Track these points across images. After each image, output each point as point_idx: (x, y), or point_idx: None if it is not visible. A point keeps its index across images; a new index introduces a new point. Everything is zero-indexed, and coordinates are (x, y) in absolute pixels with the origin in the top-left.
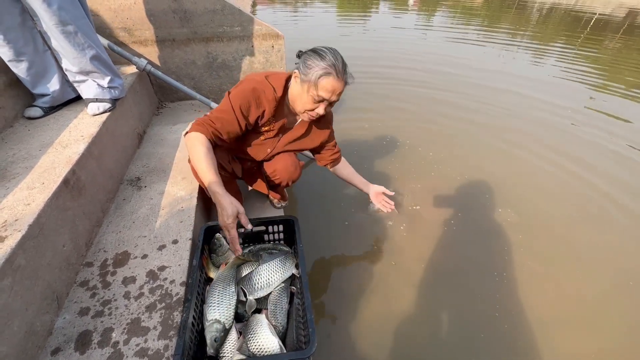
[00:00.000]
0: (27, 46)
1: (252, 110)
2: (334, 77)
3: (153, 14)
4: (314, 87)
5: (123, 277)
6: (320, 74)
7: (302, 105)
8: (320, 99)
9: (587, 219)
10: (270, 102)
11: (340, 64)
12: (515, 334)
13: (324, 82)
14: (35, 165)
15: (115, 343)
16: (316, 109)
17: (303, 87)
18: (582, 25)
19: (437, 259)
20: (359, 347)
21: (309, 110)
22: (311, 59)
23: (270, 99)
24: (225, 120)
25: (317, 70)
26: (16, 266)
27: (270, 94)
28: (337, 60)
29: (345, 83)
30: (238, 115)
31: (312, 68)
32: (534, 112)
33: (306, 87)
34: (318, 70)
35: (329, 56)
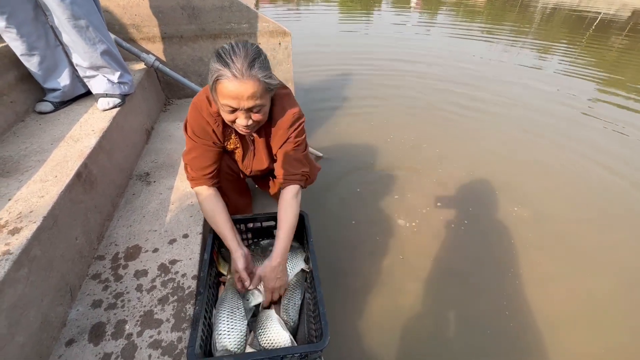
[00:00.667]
0: (39, 41)
1: (206, 130)
2: (230, 79)
3: (161, 10)
4: (215, 95)
5: (135, 270)
6: (215, 78)
7: (224, 117)
8: (228, 108)
9: (598, 217)
10: (210, 116)
11: (240, 60)
12: (524, 332)
13: (221, 87)
14: (47, 159)
15: (129, 335)
16: (237, 121)
17: (212, 96)
18: (586, 25)
19: (446, 256)
20: (368, 342)
21: (231, 122)
22: (212, 61)
23: (207, 113)
24: (198, 158)
25: (213, 75)
26: (32, 257)
27: (206, 108)
28: (234, 56)
29: (257, 81)
30: (202, 143)
31: (210, 72)
32: (540, 110)
33: (213, 96)
34: (214, 74)
35: (224, 54)
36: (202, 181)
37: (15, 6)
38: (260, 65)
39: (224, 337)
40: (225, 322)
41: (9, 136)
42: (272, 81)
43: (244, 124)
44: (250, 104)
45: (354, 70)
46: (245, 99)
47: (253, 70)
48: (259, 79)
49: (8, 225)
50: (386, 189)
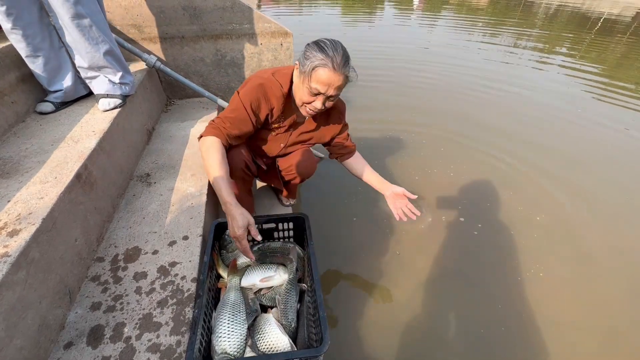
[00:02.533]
0: (44, 42)
1: (262, 106)
2: (330, 69)
3: (163, 10)
4: (308, 78)
5: (134, 272)
6: (315, 65)
7: (300, 98)
8: (315, 91)
9: (605, 221)
10: (277, 99)
11: (340, 56)
12: (528, 336)
13: (318, 73)
14: (47, 160)
15: (128, 338)
16: (313, 103)
17: (300, 78)
18: (590, 26)
19: (447, 256)
20: (368, 343)
21: (306, 103)
22: (310, 50)
23: (277, 95)
24: (238, 119)
25: (313, 61)
26: (30, 259)
27: (278, 90)
28: (336, 52)
29: (345, 77)
30: (249, 113)
31: (309, 59)
32: (543, 111)
33: (302, 78)
34: (314, 61)
35: (327, 47)
36: (222, 136)
37: (21, 8)
38: (350, 64)
39: (224, 341)
40: (226, 325)
41: (9, 137)
42: (352, 79)
43: (319, 107)
44: (333, 93)
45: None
46: (333, 88)
47: (346, 67)
48: (347, 75)
49: (7, 227)
50: None
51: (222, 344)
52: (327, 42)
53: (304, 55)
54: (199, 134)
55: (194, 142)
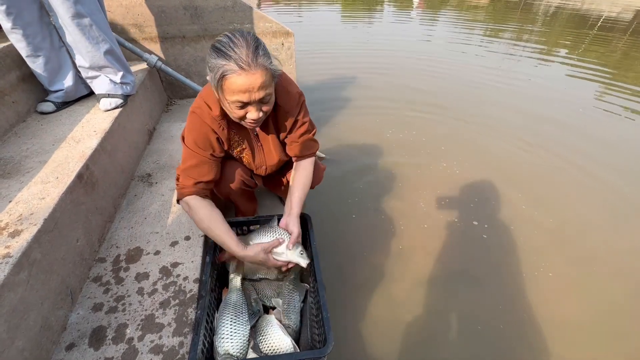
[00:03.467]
0: (44, 42)
1: (210, 138)
2: (238, 72)
3: (164, 10)
4: (222, 93)
5: (136, 273)
6: (220, 75)
7: (232, 115)
8: (238, 104)
9: (612, 221)
10: (213, 122)
11: (244, 51)
12: (532, 337)
13: (228, 84)
14: (49, 160)
15: (130, 339)
16: (248, 115)
17: (217, 94)
18: (589, 26)
19: (450, 256)
20: (371, 346)
21: (241, 118)
22: (209, 57)
23: (210, 119)
24: (195, 166)
25: (217, 72)
26: (32, 260)
27: (208, 114)
28: (237, 48)
29: (264, 69)
30: (202, 154)
31: (212, 70)
32: (546, 111)
33: (217, 94)
34: (218, 71)
35: (225, 48)
36: (195, 190)
37: (21, 7)
38: (264, 52)
39: (227, 341)
40: (229, 326)
41: (10, 136)
42: (275, 67)
43: (256, 117)
44: (261, 95)
45: (356, 70)
46: (256, 90)
47: (259, 58)
48: (266, 66)
49: (8, 227)
50: (389, 188)
51: (225, 344)
52: (224, 39)
53: (208, 67)
54: None
55: None
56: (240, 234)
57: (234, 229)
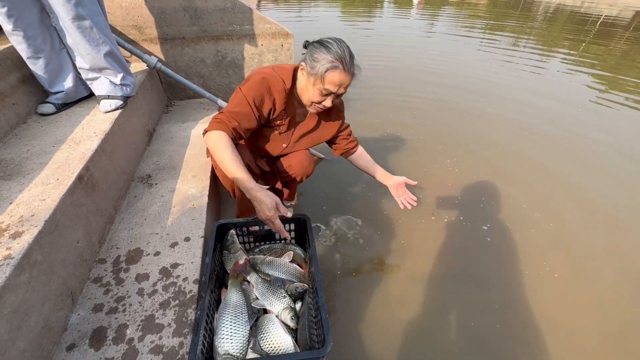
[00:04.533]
0: (45, 43)
1: (265, 102)
2: (341, 70)
3: (164, 11)
4: (320, 80)
5: (136, 274)
6: (326, 68)
7: (309, 98)
8: (327, 92)
9: (610, 222)
10: (279, 94)
11: (347, 56)
12: (531, 338)
13: (330, 75)
14: (49, 161)
15: (130, 340)
16: (323, 102)
17: (309, 80)
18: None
19: (450, 257)
20: (369, 346)
21: (316, 102)
22: (317, 51)
23: (279, 90)
24: (242, 114)
25: (323, 64)
26: (33, 261)
27: (280, 85)
28: (344, 52)
29: (352, 75)
30: (253, 108)
31: (319, 61)
32: (547, 110)
33: (312, 80)
34: (325, 64)
35: (335, 48)
36: (227, 130)
37: (22, 9)
38: (356, 62)
39: (227, 342)
40: (228, 327)
41: (10, 138)
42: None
43: (328, 105)
44: (342, 92)
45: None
46: (343, 87)
47: (353, 66)
48: (355, 73)
49: (9, 229)
50: None
51: (225, 345)
52: (333, 42)
53: (312, 57)
54: (200, 134)
55: (195, 143)
56: (241, 235)
57: (237, 229)
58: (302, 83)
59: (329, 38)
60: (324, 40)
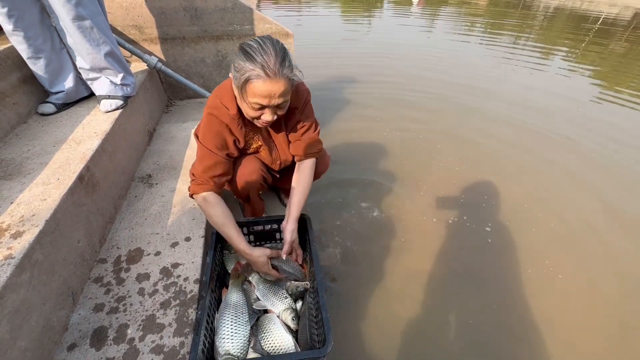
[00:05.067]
0: (45, 44)
1: (226, 138)
2: (264, 79)
3: (164, 11)
4: (244, 93)
5: (137, 273)
6: (246, 78)
7: (247, 113)
8: (257, 106)
9: (614, 222)
10: (231, 122)
11: (272, 59)
12: (533, 338)
13: (252, 87)
14: (50, 161)
15: (131, 339)
16: (262, 117)
17: (238, 93)
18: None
19: (451, 257)
20: (369, 345)
21: (255, 118)
22: (237, 59)
23: (228, 120)
24: (212, 165)
25: (243, 74)
26: (34, 261)
27: (226, 115)
28: (266, 56)
29: (286, 80)
30: (218, 153)
31: (239, 71)
32: (548, 109)
33: (239, 93)
34: (244, 73)
35: (254, 53)
36: (210, 187)
37: (22, 9)
38: (289, 63)
39: (227, 342)
40: (229, 327)
41: (11, 138)
42: (296, 77)
43: (270, 119)
44: (279, 102)
45: (356, 71)
46: (276, 97)
47: (284, 69)
48: (289, 77)
49: (10, 229)
50: (388, 186)
51: (225, 345)
52: (254, 44)
53: (234, 66)
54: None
55: (195, 143)
56: (246, 234)
57: (243, 229)
58: (237, 96)
59: (252, 40)
60: (245, 44)
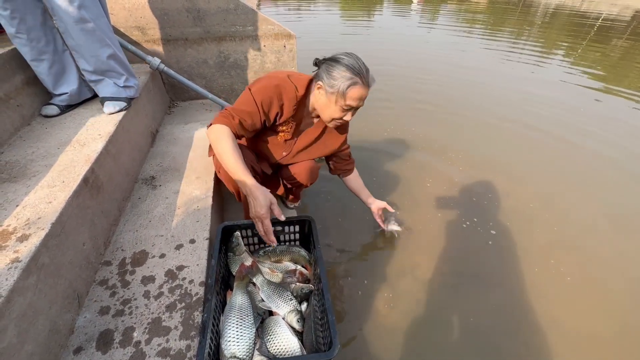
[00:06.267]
0: (48, 46)
1: (274, 105)
2: (361, 85)
3: (167, 13)
4: (342, 98)
5: (142, 276)
6: (347, 85)
7: (330, 115)
8: (349, 107)
9: (618, 222)
10: (290, 100)
11: (365, 70)
12: (537, 342)
13: (352, 92)
14: (54, 164)
15: (137, 343)
16: (344, 117)
17: (330, 98)
18: (588, 27)
19: (455, 257)
20: (374, 348)
21: (337, 119)
22: (334, 69)
23: (291, 97)
24: (248, 113)
25: (343, 81)
26: (40, 264)
27: (292, 92)
28: (360, 67)
29: (369, 87)
30: (260, 110)
31: (338, 79)
32: (548, 109)
33: (334, 98)
34: (344, 81)
35: (351, 64)
36: (235, 125)
37: (25, 11)
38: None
39: (233, 344)
40: (234, 329)
41: (15, 140)
42: None
43: (348, 119)
44: (361, 105)
45: None
46: (363, 102)
47: (372, 81)
48: (370, 85)
49: (16, 232)
50: (391, 186)
51: (231, 347)
52: (347, 58)
53: (329, 75)
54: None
55: (198, 144)
56: (250, 236)
57: (243, 232)
58: (321, 101)
59: (341, 54)
60: (337, 57)
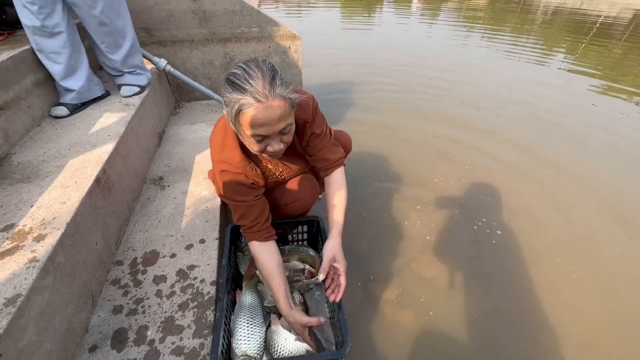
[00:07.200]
0: (67, 41)
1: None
2: (255, 106)
3: (173, 14)
4: (241, 128)
5: (153, 275)
6: (236, 111)
7: (251, 149)
8: (259, 137)
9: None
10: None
11: (260, 82)
12: (546, 342)
13: (245, 118)
14: (66, 164)
15: (151, 341)
16: (267, 148)
17: (235, 130)
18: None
19: (461, 258)
20: (381, 347)
21: (261, 152)
22: (224, 92)
23: (239, 169)
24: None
25: (233, 107)
26: (57, 264)
27: (237, 166)
28: (252, 80)
29: (282, 99)
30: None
31: (228, 105)
32: (549, 109)
33: (236, 130)
34: (234, 106)
35: (240, 81)
36: (254, 234)
37: (51, 7)
38: (281, 80)
39: (244, 343)
40: (245, 328)
41: (26, 141)
42: (294, 95)
43: (278, 149)
44: (281, 127)
45: (359, 71)
46: (275, 122)
47: (276, 88)
48: (284, 96)
49: (32, 232)
50: (394, 186)
51: (242, 346)
52: (238, 72)
53: (224, 101)
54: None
55: (204, 145)
56: None
57: None
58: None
59: (236, 67)
60: (230, 73)
